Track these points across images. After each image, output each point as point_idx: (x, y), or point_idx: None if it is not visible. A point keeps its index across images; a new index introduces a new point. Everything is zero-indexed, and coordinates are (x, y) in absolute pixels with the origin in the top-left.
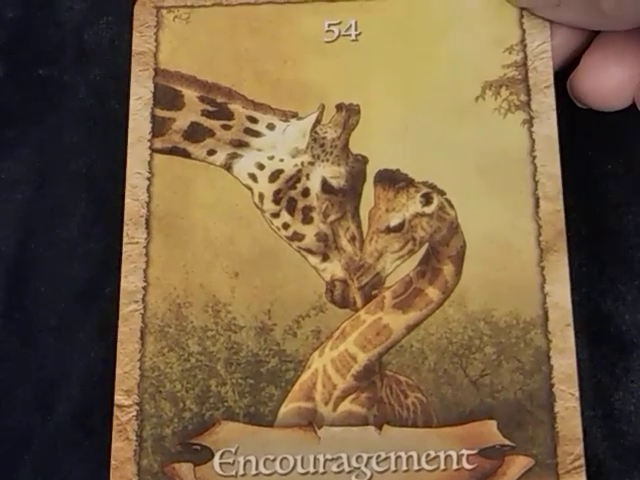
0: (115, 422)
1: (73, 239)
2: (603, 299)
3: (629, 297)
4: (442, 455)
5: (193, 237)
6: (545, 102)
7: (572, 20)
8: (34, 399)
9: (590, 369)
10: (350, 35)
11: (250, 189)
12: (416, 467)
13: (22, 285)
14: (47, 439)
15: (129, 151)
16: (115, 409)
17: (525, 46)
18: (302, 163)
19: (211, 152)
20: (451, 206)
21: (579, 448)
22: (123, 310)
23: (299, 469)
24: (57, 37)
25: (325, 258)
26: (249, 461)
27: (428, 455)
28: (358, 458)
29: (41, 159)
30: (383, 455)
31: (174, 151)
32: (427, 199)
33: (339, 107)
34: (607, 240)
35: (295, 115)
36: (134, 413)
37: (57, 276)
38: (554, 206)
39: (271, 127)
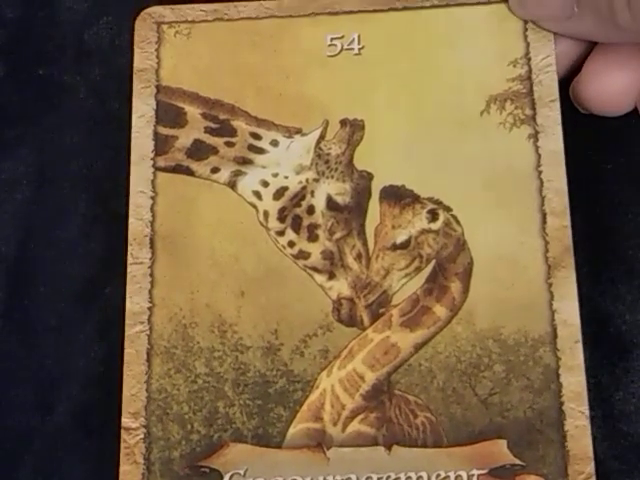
0: (123, 445)
1: (73, 239)
2: (603, 299)
3: (629, 297)
4: (452, 475)
5: (198, 256)
6: (551, 116)
7: (584, 33)
8: (34, 399)
9: (590, 369)
10: (353, 49)
11: (255, 207)
12: None
13: (22, 285)
14: (47, 439)
15: (132, 170)
16: (122, 432)
17: (529, 59)
18: (307, 180)
19: (215, 170)
20: (457, 222)
21: (590, 467)
22: (129, 331)
23: None
24: (57, 37)
25: (331, 276)
26: None
27: (438, 475)
28: (368, 479)
29: (41, 159)
30: (393, 476)
31: (177, 169)
32: (433, 215)
33: (343, 122)
34: (607, 240)
35: (299, 131)
36: (141, 436)
37: (57, 276)
38: (561, 222)
39: (275, 143)
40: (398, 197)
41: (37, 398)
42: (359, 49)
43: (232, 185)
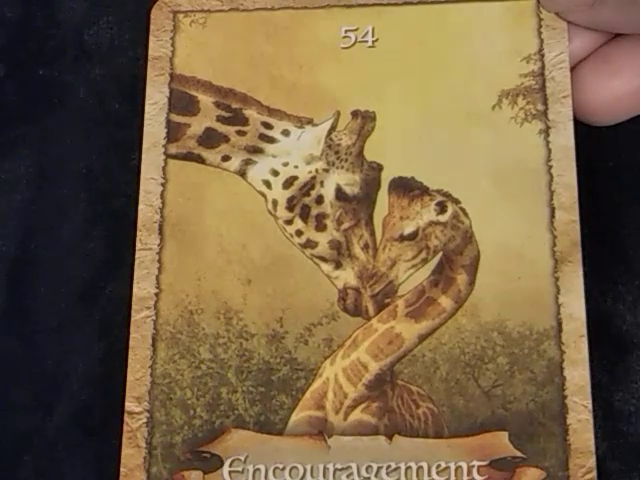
0: (125, 429)
1: (73, 239)
2: (603, 299)
3: (629, 297)
4: (452, 466)
5: (206, 243)
6: (562, 112)
7: (606, 21)
8: (34, 399)
9: (590, 369)
10: (367, 41)
11: (264, 196)
12: (426, 478)
13: (22, 285)
14: (47, 439)
15: (143, 156)
16: (125, 416)
17: (543, 55)
18: (316, 170)
19: (225, 158)
20: (465, 215)
21: (591, 461)
22: (135, 317)
23: (309, 478)
24: (57, 37)
25: (338, 266)
26: (258, 470)
27: (439, 466)
28: (368, 468)
29: (41, 159)
30: (393, 465)
31: (188, 157)
32: (441, 207)
33: (354, 114)
34: (607, 240)
35: (310, 121)
36: (144, 420)
37: (57, 276)
38: (569, 216)
39: (286, 133)
40: (407, 189)
41: (37, 398)
42: (373, 42)
43: (242, 173)
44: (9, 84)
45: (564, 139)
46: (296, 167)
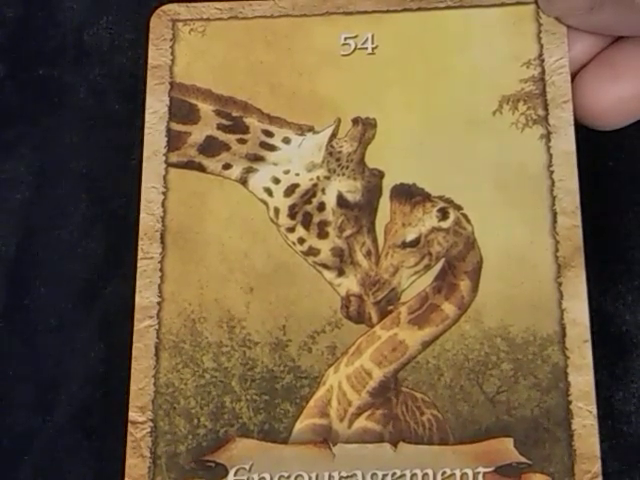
0: (129, 439)
1: (73, 239)
2: (604, 299)
3: (629, 297)
4: (458, 473)
5: (208, 252)
6: (563, 117)
7: (605, 24)
8: (34, 399)
9: None
10: (367, 48)
11: (265, 203)
12: None
13: (22, 285)
14: (47, 439)
15: (144, 165)
16: (129, 425)
17: (543, 61)
18: (318, 177)
19: (226, 166)
20: (468, 221)
21: (596, 466)
22: (138, 326)
23: None
24: (57, 37)
25: (340, 273)
26: (263, 478)
27: (444, 473)
28: (373, 476)
29: (41, 159)
30: (398, 473)
31: (189, 165)
32: (443, 214)
33: (355, 121)
34: (607, 240)
35: (311, 129)
36: (148, 430)
37: (57, 276)
38: (572, 221)
39: (287, 141)
40: (409, 195)
41: (37, 398)
42: (373, 48)
43: (243, 181)
44: (9, 84)
45: (565, 144)
46: (297, 175)
